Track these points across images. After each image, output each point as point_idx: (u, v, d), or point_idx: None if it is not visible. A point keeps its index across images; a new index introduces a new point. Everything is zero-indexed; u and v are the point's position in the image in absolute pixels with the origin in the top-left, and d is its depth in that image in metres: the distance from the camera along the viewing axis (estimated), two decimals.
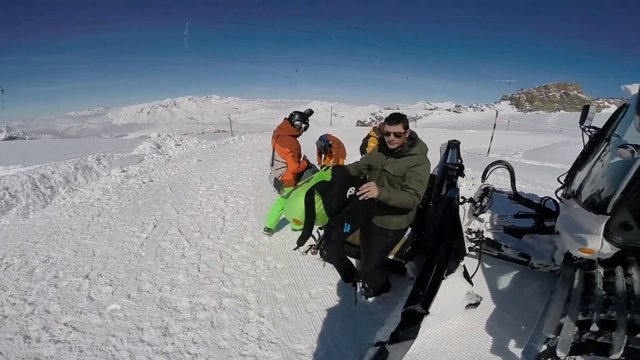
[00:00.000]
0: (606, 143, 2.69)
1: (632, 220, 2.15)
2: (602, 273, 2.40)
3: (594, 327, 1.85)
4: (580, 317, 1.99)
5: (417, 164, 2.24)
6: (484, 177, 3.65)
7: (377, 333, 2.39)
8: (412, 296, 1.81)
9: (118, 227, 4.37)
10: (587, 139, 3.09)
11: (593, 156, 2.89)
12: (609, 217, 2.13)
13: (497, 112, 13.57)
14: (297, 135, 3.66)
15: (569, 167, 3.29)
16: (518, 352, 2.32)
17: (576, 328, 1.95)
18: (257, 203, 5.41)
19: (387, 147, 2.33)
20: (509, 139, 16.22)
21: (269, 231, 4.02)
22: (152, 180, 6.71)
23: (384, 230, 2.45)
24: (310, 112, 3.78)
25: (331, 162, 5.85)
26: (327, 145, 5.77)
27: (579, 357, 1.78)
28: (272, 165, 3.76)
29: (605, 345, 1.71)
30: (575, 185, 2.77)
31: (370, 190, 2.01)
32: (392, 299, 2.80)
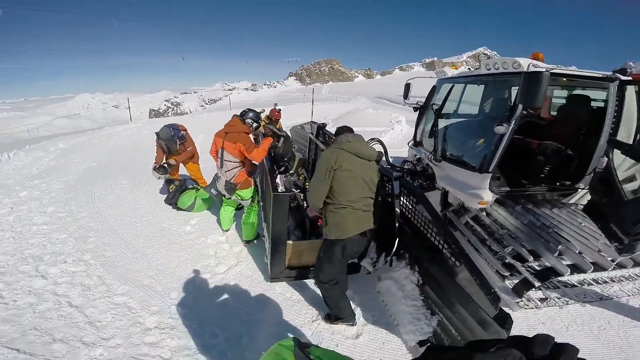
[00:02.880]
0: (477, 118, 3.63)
1: (500, 175, 3.09)
2: (484, 214, 3.35)
3: (528, 256, 2.61)
4: (509, 252, 2.76)
5: None
6: None
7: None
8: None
9: None
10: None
11: (445, 127, 3.82)
12: (491, 174, 2.96)
13: (313, 88, 15.25)
14: (248, 134, 3.41)
15: (371, 128, 4.21)
16: None
17: (519, 262, 2.66)
18: (105, 261, 3.21)
19: None
20: (316, 109, 19.05)
21: (228, 230, 3.88)
22: None
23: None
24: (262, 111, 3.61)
25: (178, 162, 4.57)
26: (178, 138, 4.39)
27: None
28: (220, 167, 3.33)
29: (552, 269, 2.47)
30: (449, 152, 3.58)
31: None
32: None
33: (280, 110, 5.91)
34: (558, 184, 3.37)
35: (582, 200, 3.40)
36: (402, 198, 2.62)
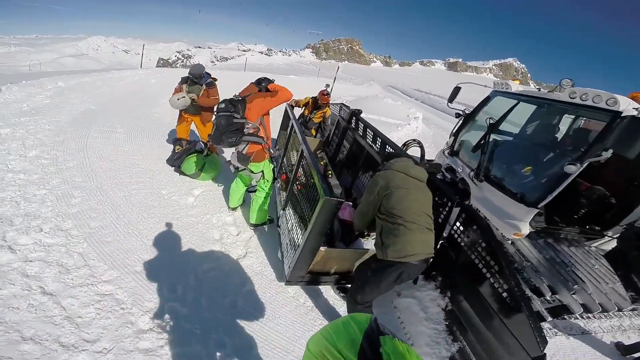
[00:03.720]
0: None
1: (543, 211, 2.83)
2: (510, 242, 3.11)
3: (547, 292, 2.54)
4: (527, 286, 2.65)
5: None
6: None
7: None
8: None
9: None
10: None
11: (495, 145, 3.45)
12: (538, 211, 2.69)
13: (338, 66, 14.12)
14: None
15: (387, 119, 3.87)
16: None
17: (535, 295, 2.54)
18: (90, 233, 2.70)
19: None
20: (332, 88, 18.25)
21: (235, 209, 3.61)
22: None
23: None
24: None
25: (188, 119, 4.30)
26: (206, 83, 4.00)
27: None
28: None
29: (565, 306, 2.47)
30: (495, 174, 3.26)
31: None
32: None
33: (329, 93, 4.90)
34: (588, 227, 3.23)
35: (603, 245, 3.34)
36: (457, 222, 2.35)
